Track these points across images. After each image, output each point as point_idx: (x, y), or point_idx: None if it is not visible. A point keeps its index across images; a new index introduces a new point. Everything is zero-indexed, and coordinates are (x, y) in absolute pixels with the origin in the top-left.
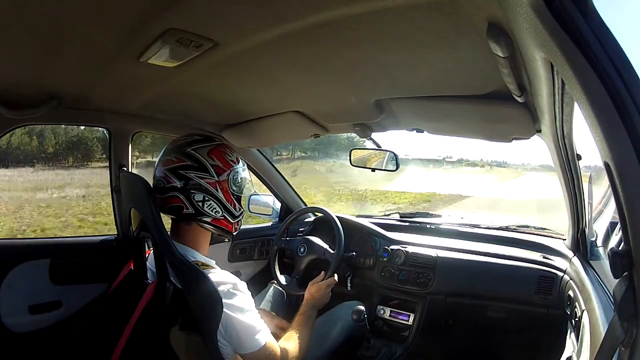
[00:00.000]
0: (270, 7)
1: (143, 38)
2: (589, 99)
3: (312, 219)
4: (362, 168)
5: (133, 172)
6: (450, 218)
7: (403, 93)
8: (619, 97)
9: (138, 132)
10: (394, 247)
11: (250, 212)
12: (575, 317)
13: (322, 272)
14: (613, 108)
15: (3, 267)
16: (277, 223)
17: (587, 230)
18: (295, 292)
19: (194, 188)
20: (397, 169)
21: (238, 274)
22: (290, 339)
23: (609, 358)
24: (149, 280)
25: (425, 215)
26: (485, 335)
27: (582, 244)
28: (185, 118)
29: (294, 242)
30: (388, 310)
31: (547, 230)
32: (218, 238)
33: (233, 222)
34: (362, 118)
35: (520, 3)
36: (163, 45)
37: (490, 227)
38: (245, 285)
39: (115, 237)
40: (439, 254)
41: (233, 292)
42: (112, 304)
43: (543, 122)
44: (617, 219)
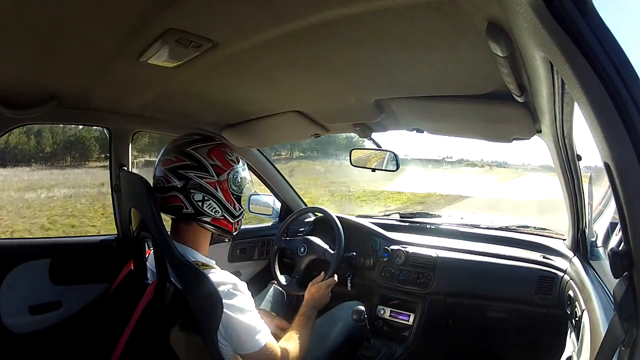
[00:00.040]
0: (270, 7)
1: (143, 38)
2: (589, 99)
3: (312, 219)
4: (362, 168)
5: (133, 171)
6: (451, 218)
7: (403, 93)
8: (619, 97)
9: (138, 131)
10: (394, 247)
11: (250, 212)
12: (576, 317)
13: (322, 272)
14: (613, 108)
15: (3, 267)
16: (277, 223)
17: (587, 231)
18: (295, 292)
19: (194, 188)
20: (397, 169)
21: (238, 274)
22: (291, 339)
23: (609, 358)
24: (149, 281)
25: (426, 216)
26: (486, 335)
27: (582, 244)
28: (185, 118)
29: (294, 242)
30: (388, 311)
31: (547, 231)
32: (218, 238)
33: (233, 222)
34: (362, 118)
35: (520, 3)
36: (163, 46)
37: (491, 227)
38: (246, 286)
39: (115, 237)
40: (439, 254)
41: (233, 292)
42: (112, 304)
43: (543, 122)
44: (617, 219)
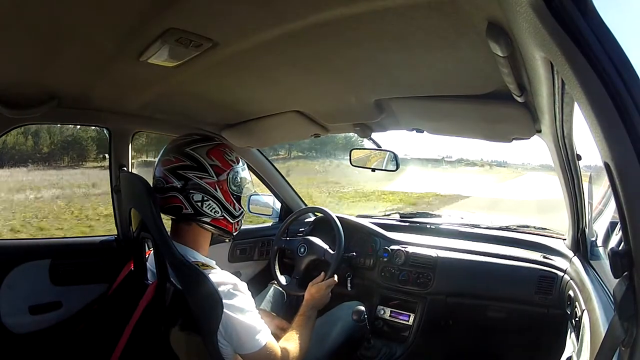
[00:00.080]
0: (270, 7)
1: (143, 38)
2: (589, 99)
3: (312, 219)
4: (362, 168)
5: (133, 172)
6: (451, 218)
7: (403, 93)
8: (619, 97)
9: (138, 131)
10: (394, 247)
11: (250, 212)
12: (576, 317)
13: (322, 272)
14: (613, 108)
15: (3, 267)
16: (277, 223)
17: (587, 230)
18: (296, 292)
19: (193, 188)
20: (397, 169)
21: (238, 275)
22: (291, 340)
23: (609, 358)
24: (149, 281)
25: (426, 216)
26: (486, 335)
27: (582, 244)
28: (185, 118)
29: (294, 242)
30: (388, 311)
31: (547, 230)
32: (218, 238)
33: (233, 222)
34: (362, 118)
35: (520, 3)
36: (163, 45)
37: (491, 227)
38: (246, 286)
39: (115, 237)
40: (439, 254)
41: (233, 292)
42: (112, 305)
43: (543, 122)
44: (617, 219)
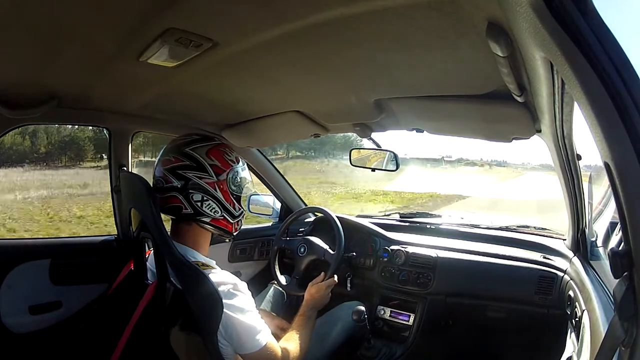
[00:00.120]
0: (270, 7)
1: (143, 38)
2: (589, 99)
3: (312, 219)
4: (362, 168)
5: (133, 171)
6: (451, 218)
7: (403, 93)
8: (619, 97)
9: (138, 131)
10: (394, 247)
11: (250, 212)
12: (576, 317)
13: (322, 272)
14: (613, 108)
15: (3, 267)
16: (277, 223)
17: (587, 231)
18: (296, 292)
19: (193, 188)
20: (397, 169)
21: (238, 274)
22: (291, 340)
23: (609, 358)
24: (149, 281)
25: (426, 216)
26: (486, 336)
27: (582, 244)
28: (185, 118)
29: (294, 242)
30: (388, 311)
31: (547, 231)
32: (218, 238)
33: (233, 222)
34: (362, 118)
35: (520, 3)
36: (163, 45)
37: (490, 227)
38: (246, 286)
39: (116, 237)
40: (439, 254)
41: (233, 292)
42: (112, 305)
43: (543, 122)
44: (617, 219)
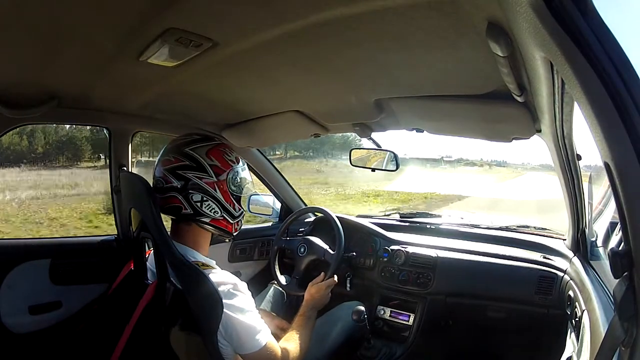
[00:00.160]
0: (270, 7)
1: (143, 37)
2: (589, 99)
3: (312, 219)
4: (362, 168)
5: (133, 171)
6: (451, 218)
7: (403, 93)
8: (619, 97)
9: (138, 131)
10: (394, 247)
11: (250, 212)
12: (576, 317)
13: (322, 272)
14: (613, 108)
15: (3, 267)
16: (277, 223)
17: (587, 231)
18: (295, 292)
19: (193, 188)
20: (397, 169)
21: (238, 274)
22: (291, 340)
23: (609, 358)
24: (149, 281)
25: (426, 216)
26: (486, 336)
27: (582, 244)
28: (185, 118)
29: (294, 242)
30: (388, 311)
31: (547, 231)
32: (218, 238)
33: (232, 222)
34: (362, 118)
35: (520, 3)
36: (163, 45)
37: (490, 227)
38: (246, 286)
39: (115, 237)
40: (439, 254)
41: (233, 292)
42: (112, 305)
43: (543, 121)
44: (617, 219)
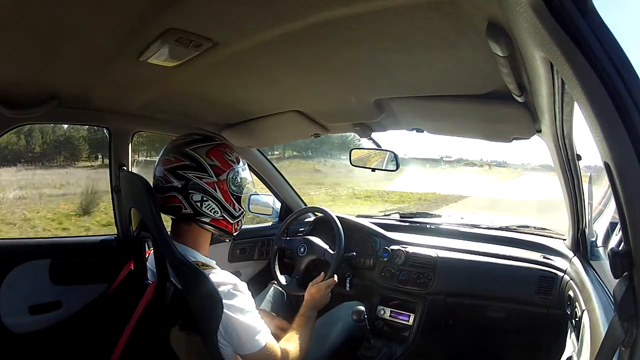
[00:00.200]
0: (270, 7)
1: (143, 38)
2: (589, 99)
3: (312, 219)
4: (362, 168)
5: (133, 171)
6: (451, 218)
7: (403, 93)
8: (619, 97)
9: (138, 131)
10: (394, 247)
11: (250, 212)
12: (576, 317)
13: (322, 272)
14: (613, 108)
15: (3, 267)
16: (277, 223)
17: (587, 231)
18: (296, 292)
19: (193, 188)
20: (397, 169)
21: (238, 274)
22: (291, 340)
23: (609, 358)
24: (149, 281)
25: (426, 215)
26: (486, 335)
27: (582, 244)
28: (185, 118)
29: (294, 242)
30: (388, 311)
31: (547, 231)
32: (218, 238)
33: (233, 222)
34: (362, 118)
35: (520, 3)
36: (163, 45)
37: (491, 227)
38: (246, 286)
39: (115, 237)
40: (439, 254)
41: (233, 292)
42: (112, 304)
43: (543, 122)
44: (617, 219)
